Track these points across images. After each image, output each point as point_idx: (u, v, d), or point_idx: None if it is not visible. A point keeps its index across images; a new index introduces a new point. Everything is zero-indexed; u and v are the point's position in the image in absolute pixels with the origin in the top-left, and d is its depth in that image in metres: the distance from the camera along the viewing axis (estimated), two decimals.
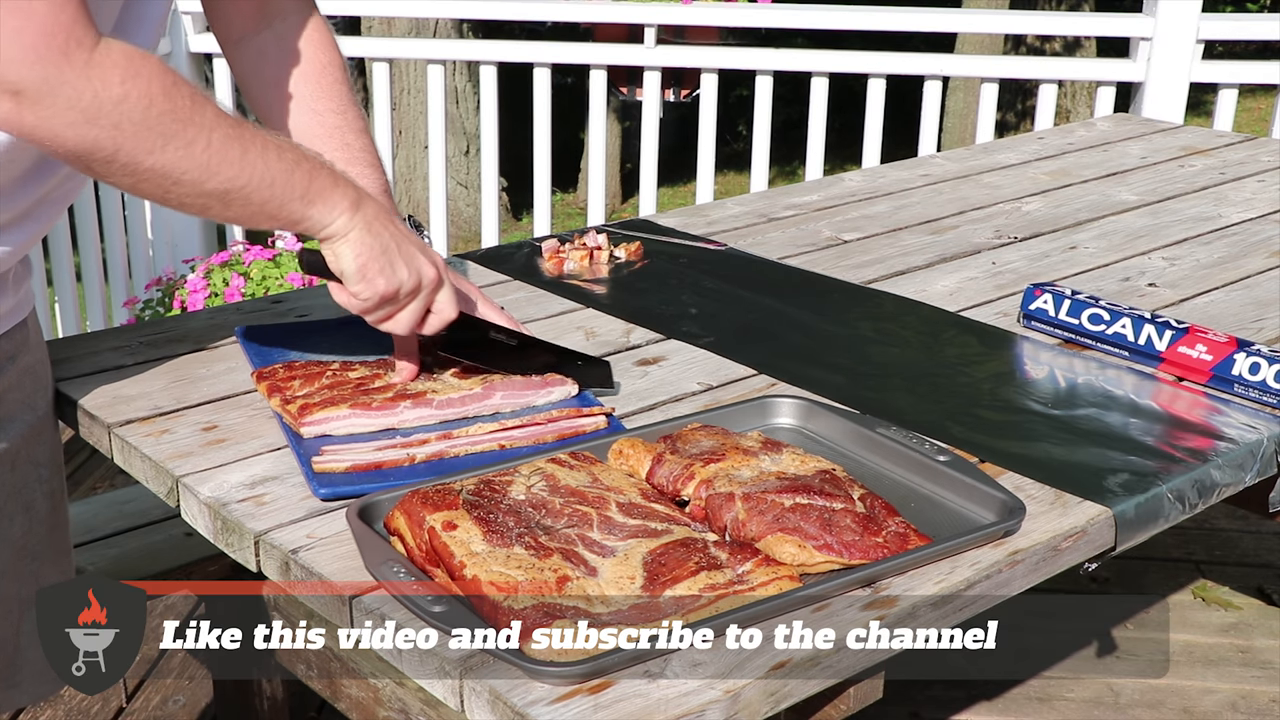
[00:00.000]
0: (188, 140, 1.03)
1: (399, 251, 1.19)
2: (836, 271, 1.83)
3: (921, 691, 2.29)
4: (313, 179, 1.13)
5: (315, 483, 1.15)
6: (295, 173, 1.12)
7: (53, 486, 1.33)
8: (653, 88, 3.73)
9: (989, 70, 3.67)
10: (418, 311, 1.22)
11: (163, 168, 1.04)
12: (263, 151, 1.09)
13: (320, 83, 1.38)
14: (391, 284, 1.19)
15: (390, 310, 1.21)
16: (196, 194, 1.07)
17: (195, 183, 1.06)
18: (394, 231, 1.19)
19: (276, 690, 1.78)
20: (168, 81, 1.03)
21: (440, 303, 1.24)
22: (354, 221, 1.16)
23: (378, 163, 1.40)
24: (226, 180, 1.07)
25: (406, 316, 1.22)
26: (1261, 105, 8.22)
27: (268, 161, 1.10)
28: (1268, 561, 2.74)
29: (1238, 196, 2.20)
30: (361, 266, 1.17)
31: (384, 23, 6.52)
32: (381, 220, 1.19)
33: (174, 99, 1.02)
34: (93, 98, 0.98)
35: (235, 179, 1.07)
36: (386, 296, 1.19)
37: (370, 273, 1.18)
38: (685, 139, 5.32)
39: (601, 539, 1.03)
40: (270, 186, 1.10)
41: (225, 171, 1.07)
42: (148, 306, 3.28)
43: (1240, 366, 1.39)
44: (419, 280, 1.20)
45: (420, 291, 1.21)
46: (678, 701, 0.87)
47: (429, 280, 1.21)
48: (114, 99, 0.99)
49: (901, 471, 1.20)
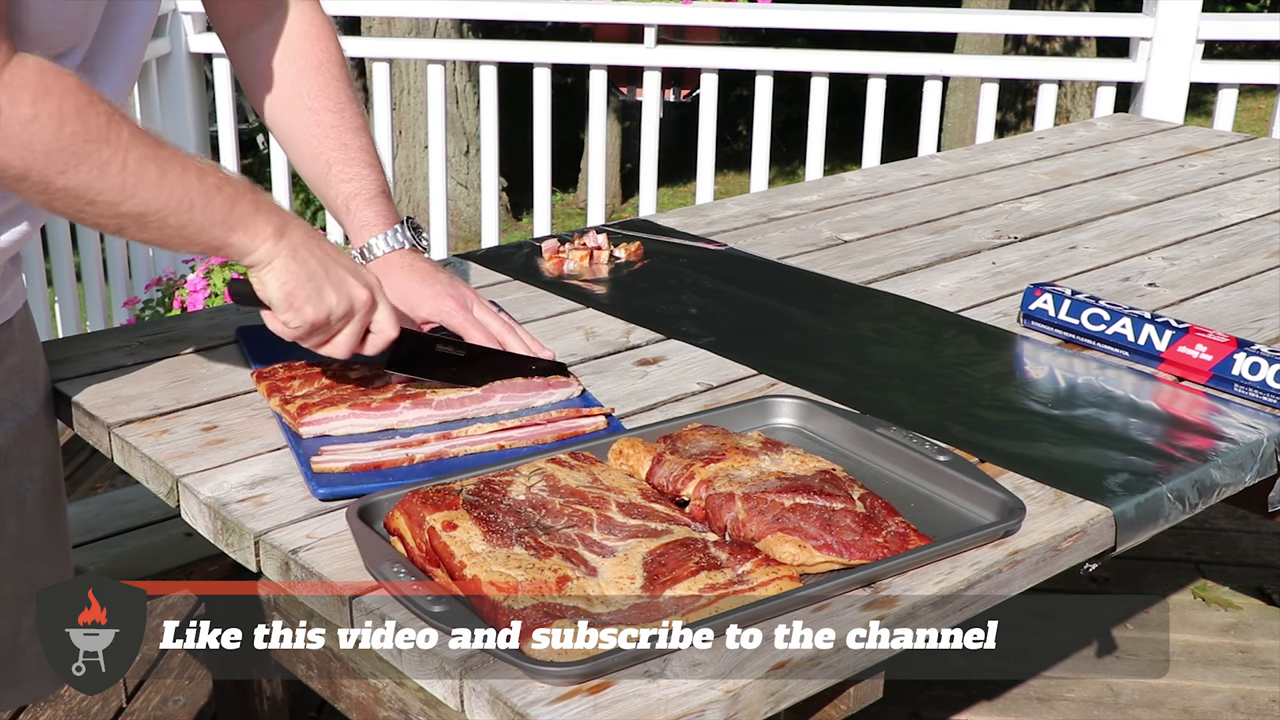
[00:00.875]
0: (102, 161, 1.02)
1: (327, 277, 1.16)
2: (836, 271, 1.83)
3: (921, 691, 2.29)
4: (235, 204, 1.11)
5: (314, 483, 1.15)
6: (216, 197, 1.10)
7: (46, 485, 1.32)
8: (653, 88, 3.73)
9: (989, 70, 3.67)
10: (354, 335, 1.20)
11: (75, 188, 1.02)
12: (182, 174, 1.07)
13: (317, 80, 1.37)
14: (320, 311, 1.16)
15: (324, 336, 1.19)
16: (111, 215, 1.06)
17: (110, 204, 1.04)
18: (321, 256, 1.17)
19: (276, 690, 1.78)
20: (81, 100, 1.01)
21: (379, 323, 1.21)
22: (278, 249, 1.14)
23: (376, 162, 1.39)
24: (142, 203, 1.05)
25: (343, 340, 1.20)
26: (1261, 105, 8.22)
27: (187, 185, 1.08)
28: (1268, 561, 2.74)
29: (1238, 196, 2.20)
30: (288, 295, 1.15)
31: (384, 23, 6.53)
32: (308, 246, 1.16)
33: (87, 118, 1.01)
34: (0, 117, 0.97)
35: (152, 202, 1.06)
36: (317, 324, 1.17)
37: (297, 300, 1.15)
38: (685, 139, 5.32)
39: (601, 539, 1.03)
40: (189, 210, 1.08)
41: (141, 194, 1.05)
42: (148, 306, 3.28)
43: (1240, 366, 1.39)
44: (350, 304, 1.18)
45: (353, 315, 1.19)
46: (678, 701, 0.87)
47: (361, 303, 1.19)
48: (23, 119, 0.98)
49: (901, 471, 1.20)
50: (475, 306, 1.37)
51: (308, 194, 7.07)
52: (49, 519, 1.33)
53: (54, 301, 3.49)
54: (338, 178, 1.37)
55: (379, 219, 1.37)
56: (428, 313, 1.36)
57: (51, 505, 1.34)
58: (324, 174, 1.37)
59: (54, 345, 1.48)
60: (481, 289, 1.72)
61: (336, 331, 1.19)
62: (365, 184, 1.37)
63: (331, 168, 1.37)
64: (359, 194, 1.37)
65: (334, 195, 1.37)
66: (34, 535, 1.31)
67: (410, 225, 1.38)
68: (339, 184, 1.37)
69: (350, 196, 1.37)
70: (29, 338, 1.31)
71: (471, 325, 1.36)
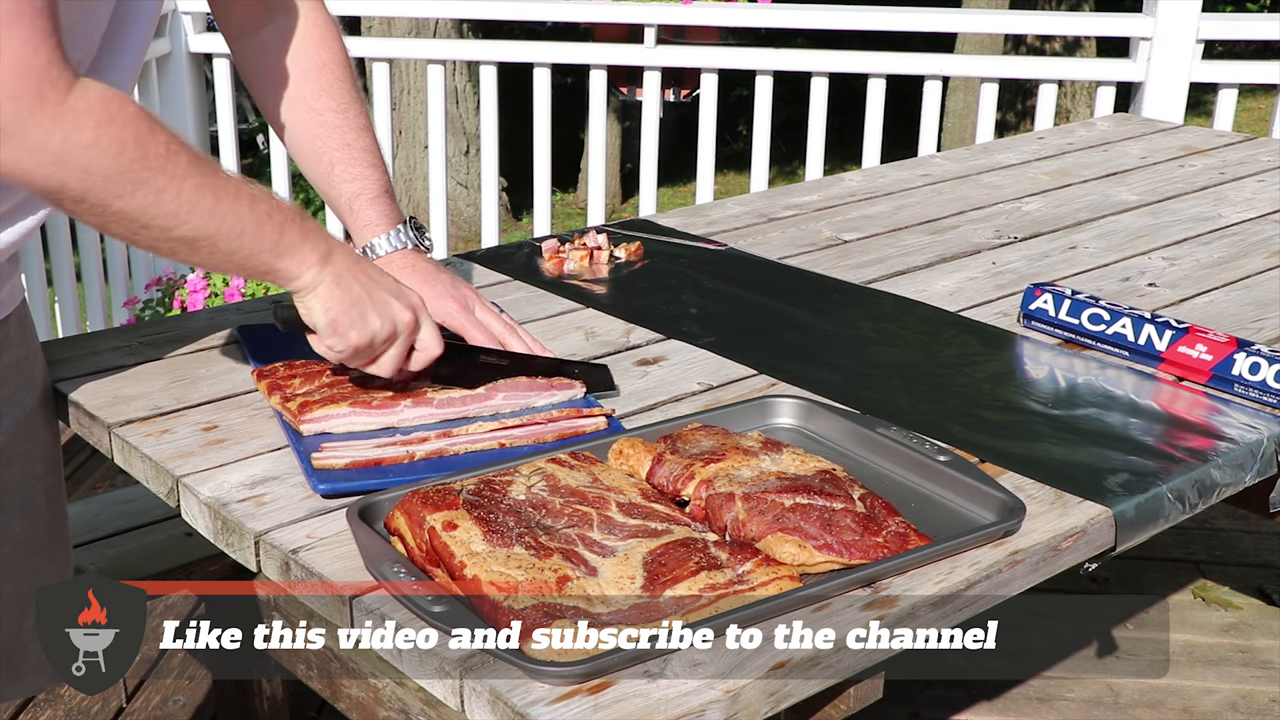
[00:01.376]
0: (158, 188, 1.04)
1: (370, 301, 1.18)
2: (836, 271, 1.83)
3: (921, 691, 2.29)
4: (284, 232, 1.13)
5: (315, 479, 1.15)
6: (266, 225, 1.12)
7: (49, 483, 1.33)
8: (653, 88, 3.73)
9: (989, 70, 3.67)
10: (398, 355, 1.22)
11: (131, 212, 1.04)
12: (235, 202, 1.09)
13: (321, 80, 1.38)
14: (364, 335, 1.18)
15: (369, 357, 1.21)
16: (164, 239, 1.08)
17: (164, 228, 1.06)
18: (365, 281, 1.19)
19: (276, 690, 1.78)
20: (142, 128, 1.03)
21: (423, 341, 1.23)
22: (323, 275, 1.16)
23: (379, 162, 1.40)
24: (195, 228, 1.07)
25: (388, 361, 1.22)
26: (1261, 105, 8.22)
27: (239, 212, 1.10)
28: (1268, 561, 2.74)
29: (1238, 196, 2.21)
30: (333, 320, 1.17)
31: (384, 23, 6.53)
32: (352, 271, 1.18)
33: (146, 146, 1.03)
34: (63, 141, 0.98)
35: (204, 228, 1.08)
36: (360, 347, 1.19)
37: (342, 326, 1.17)
38: (685, 139, 5.32)
39: (602, 539, 1.03)
40: (240, 237, 1.10)
41: (194, 220, 1.07)
42: (148, 306, 3.28)
43: (1240, 366, 1.39)
44: (393, 327, 1.20)
45: (397, 337, 1.21)
46: (678, 701, 0.87)
47: (404, 325, 1.21)
48: (85, 144, 0.99)
49: (901, 471, 1.20)
50: (477, 307, 1.38)
51: (309, 193, 7.08)
52: (52, 516, 1.34)
53: (54, 301, 3.49)
54: (341, 177, 1.37)
55: (382, 219, 1.37)
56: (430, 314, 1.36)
57: (54, 502, 1.35)
58: (327, 174, 1.38)
59: (54, 345, 1.48)
60: (482, 289, 1.72)
61: (380, 353, 1.21)
62: (368, 184, 1.37)
63: (335, 168, 1.37)
64: (362, 194, 1.37)
65: (337, 195, 1.38)
66: (39, 533, 1.32)
67: (413, 225, 1.39)
68: (342, 184, 1.37)
69: (353, 196, 1.37)
70: (26, 335, 1.31)
71: (473, 326, 1.36)
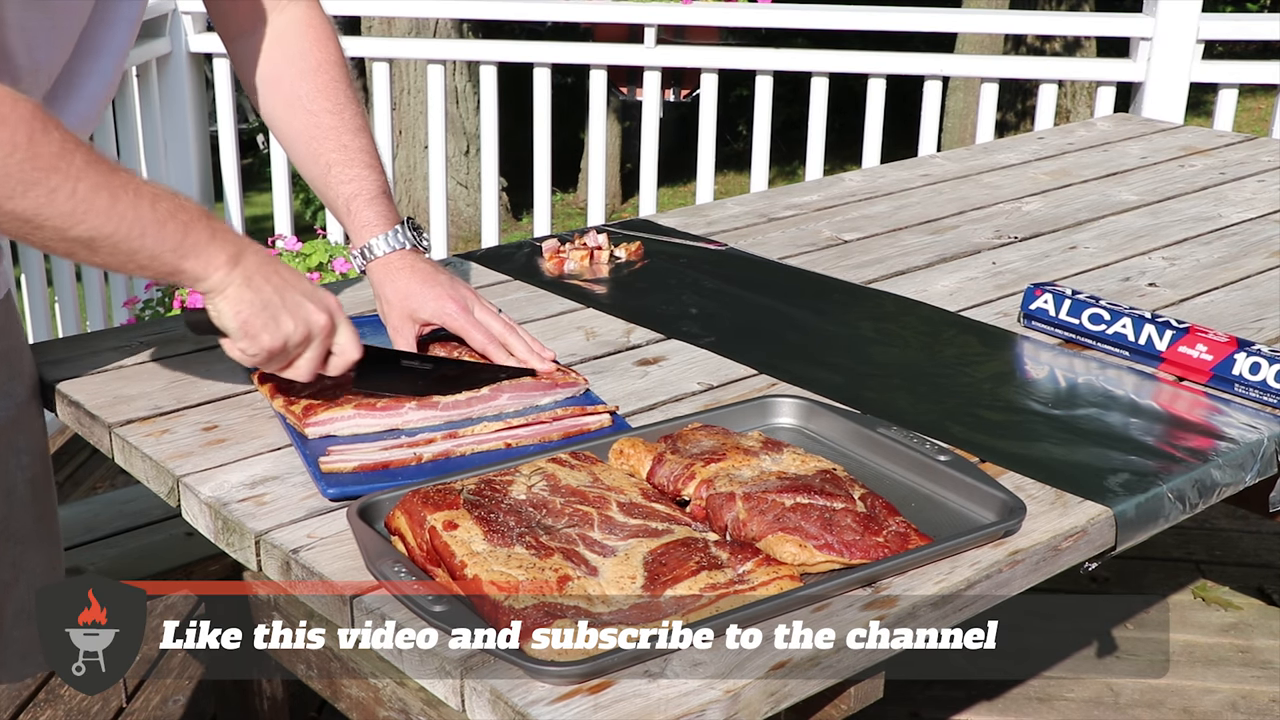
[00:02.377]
0: (50, 188, 1.03)
1: (283, 304, 1.17)
2: (836, 271, 1.83)
3: (921, 691, 2.29)
4: (188, 232, 1.11)
5: (323, 483, 1.15)
6: (169, 224, 1.10)
7: (35, 473, 1.33)
8: (653, 88, 3.73)
9: (989, 70, 3.67)
10: (314, 359, 1.20)
11: (22, 213, 1.03)
12: (134, 201, 1.08)
13: (316, 81, 1.37)
14: (276, 338, 1.17)
15: (284, 361, 1.20)
16: (60, 239, 1.06)
17: (58, 229, 1.05)
18: (278, 283, 1.17)
19: (276, 690, 1.78)
20: (35, 128, 1.02)
21: (340, 345, 1.22)
22: (231, 277, 1.14)
23: (376, 163, 1.39)
24: (92, 228, 1.06)
25: (304, 365, 1.20)
26: (1261, 105, 8.22)
27: (139, 212, 1.08)
28: (1268, 561, 2.74)
29: (1238, 196, 2.21)
30: (243, 323, 1.16)
31: (384, 23, 6.53)
32: (263, 273, 1.16)
33: (38, 146, 1.02)
34: None
35: (101, 227, 1.06)
36: (274, 350, 1.17)
37: (253, 328, 1.16)
38: (685, 139, 5.32)
39: (602, 539, 1.03)
40: (140, 237, 1.09)
41: (91, 220, 1.06)
42: (148, 306, 3.28)
43: (1240, 366, 1.39)
44: (307, 330, 1.18)
45: (312, 340, 1.19)
46: (678, 701, 0.87)
47: (319, 328, 1.19)
48: None
49: (902, 471, 1.20)
50: (476, 308, 1.37)
51: (308, 193, 7.07)
52: (38, 509, 1.34)
53: (54, 301, 3.49)
54: (338, 179, 1.37)
55: (379, 219, 1.37)
56: (429, 314, 1.36)
57: (41, 494, 1.35)
58: (324, 175, 1.37)
59: (54, 345, 1.49)
60: (482, 289, 1.72)
61: (295, 357, 1.20)
62: (365, 184, 1.37)
63: (331, 169, 1.37)
64: (359, 194, 1.37)
65: (334, 196, 1.38)
66: (22, 522, 1.32)
67: (411, 225, 1.38)
68: (339, 185, 1.37)
69: (351, 197, 1.37)
70: (12, 327, 1.31)
71: (473, 327, 1.36)
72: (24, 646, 1.34)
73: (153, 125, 3.58)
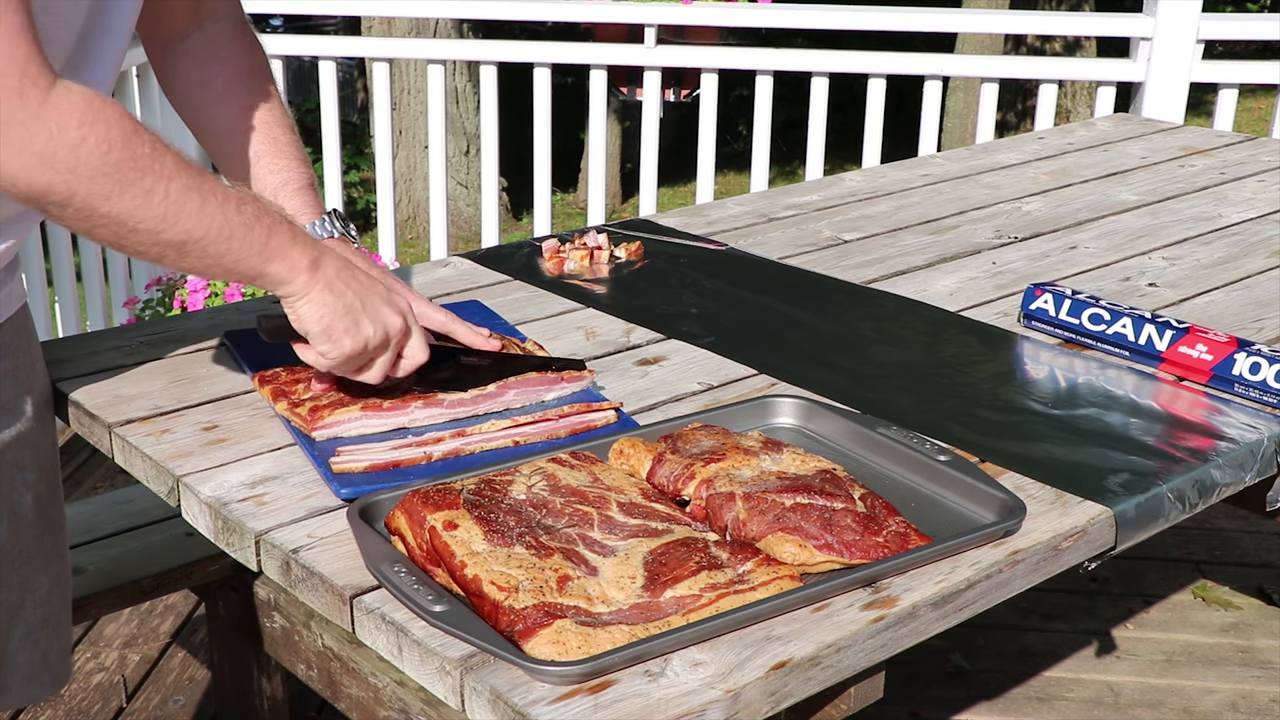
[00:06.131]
0: (145, 189, 1.02)
1: (364, 308, 1.17)
2: (836, 271, 1.83)
3: (921, 691, 2.29)
4: (271, 235, 1.12)
5: (335, 483, 1.15)
6: (255, 227, 1.10)
7: (40, 490, 1.31)
8: (653, 88, 3.73)
9: (989, 70, 3.67)
10: (388, 362, 1.21)
11: (118, 215, 1.02)
12: (222, 204, 1.08)
13: (252, 82, 1.38)
14: (358, 342, 1.17)
15: (359, 364, 1.20)
16: (152, 243, 1.06)
17: (151, 232, 1.05)
18: (357, 288, 1.17)
19: (276, 690, 1.78)
20: (128, 128, 1.02)
21: (410, 348, 1.22)
22: (314, 281, 1.14)
23: (304, 157, 1.39)
24: (183, 231, 1.06)
25: (377, 369, 1.21)
26: (1261, 105, 8.23)
27: (227, 214, 1.08)
28: (1268, 561, 2.74)
29: (1238, 196, 2.21)
30: (327, 327, 1.16)
31: (384, 23, 6.53)
32: (343, 278, 1.17)
33: (133, 146, 1.01)
34: (47, 140, 0.96)
35: (192, 230, 1.06)
36: (354, 354, 1.18)
37: (336, 333, 1.16)
38: (685, 139, 5.32)
39: (602, 539, 1.03)
40: (228, 240, 1.09)
41: (183, 222, 1.05)
42: (148, 306, 3.28)
43: (1240, 366, 1.39)
44: (385, 334, 1.19)
45: (389, 344, 1.20)
46: (678, 701, 0.87)
47: (396, 331, 1.20)
48: (70, 143, 0.97)
49: (902, 471, 1.20)
50: (417, 304, 1.36)
51: None
52: (43, 526, 1.32)
53: (54, 301, 3.49)
54: (266, 168, 1.36)
55: (306, 208, 1.36)
56: None
57: (47, 512, 1.33)
58: (253, 164, 1.37)
59: (54, 345, 1.48)
60: (482, 289, 1.72)
61: (371, 360, 1.20)
62: (294, 175, 1.36)
63: (261, 159, 1.36)
64: (288, 184, 1.36)
65: (261, 186, 1.36)
66: (27, 542, 1.30)
67: (336, 216, 1.37)
68: (267, 174, 1.36)
69: (278, 186, 1.36)
70: (25, 342, 1.30)
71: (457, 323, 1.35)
72: (31, 670, 1.32)
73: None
